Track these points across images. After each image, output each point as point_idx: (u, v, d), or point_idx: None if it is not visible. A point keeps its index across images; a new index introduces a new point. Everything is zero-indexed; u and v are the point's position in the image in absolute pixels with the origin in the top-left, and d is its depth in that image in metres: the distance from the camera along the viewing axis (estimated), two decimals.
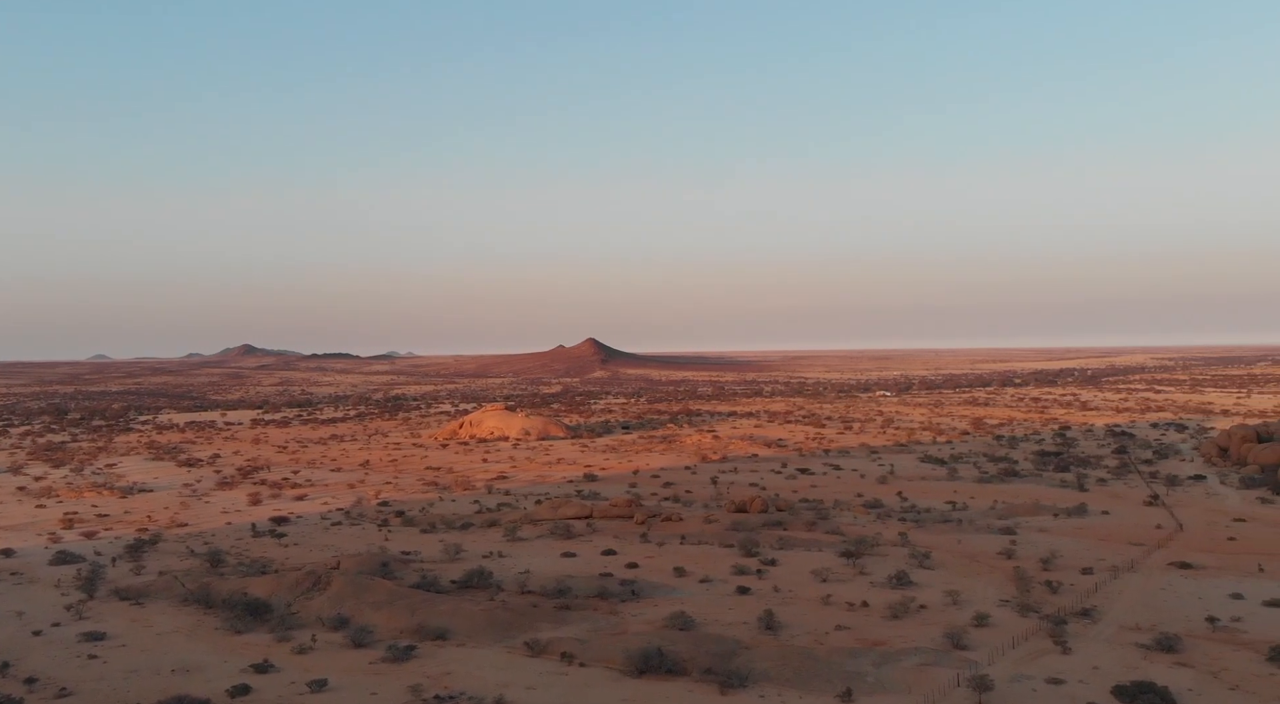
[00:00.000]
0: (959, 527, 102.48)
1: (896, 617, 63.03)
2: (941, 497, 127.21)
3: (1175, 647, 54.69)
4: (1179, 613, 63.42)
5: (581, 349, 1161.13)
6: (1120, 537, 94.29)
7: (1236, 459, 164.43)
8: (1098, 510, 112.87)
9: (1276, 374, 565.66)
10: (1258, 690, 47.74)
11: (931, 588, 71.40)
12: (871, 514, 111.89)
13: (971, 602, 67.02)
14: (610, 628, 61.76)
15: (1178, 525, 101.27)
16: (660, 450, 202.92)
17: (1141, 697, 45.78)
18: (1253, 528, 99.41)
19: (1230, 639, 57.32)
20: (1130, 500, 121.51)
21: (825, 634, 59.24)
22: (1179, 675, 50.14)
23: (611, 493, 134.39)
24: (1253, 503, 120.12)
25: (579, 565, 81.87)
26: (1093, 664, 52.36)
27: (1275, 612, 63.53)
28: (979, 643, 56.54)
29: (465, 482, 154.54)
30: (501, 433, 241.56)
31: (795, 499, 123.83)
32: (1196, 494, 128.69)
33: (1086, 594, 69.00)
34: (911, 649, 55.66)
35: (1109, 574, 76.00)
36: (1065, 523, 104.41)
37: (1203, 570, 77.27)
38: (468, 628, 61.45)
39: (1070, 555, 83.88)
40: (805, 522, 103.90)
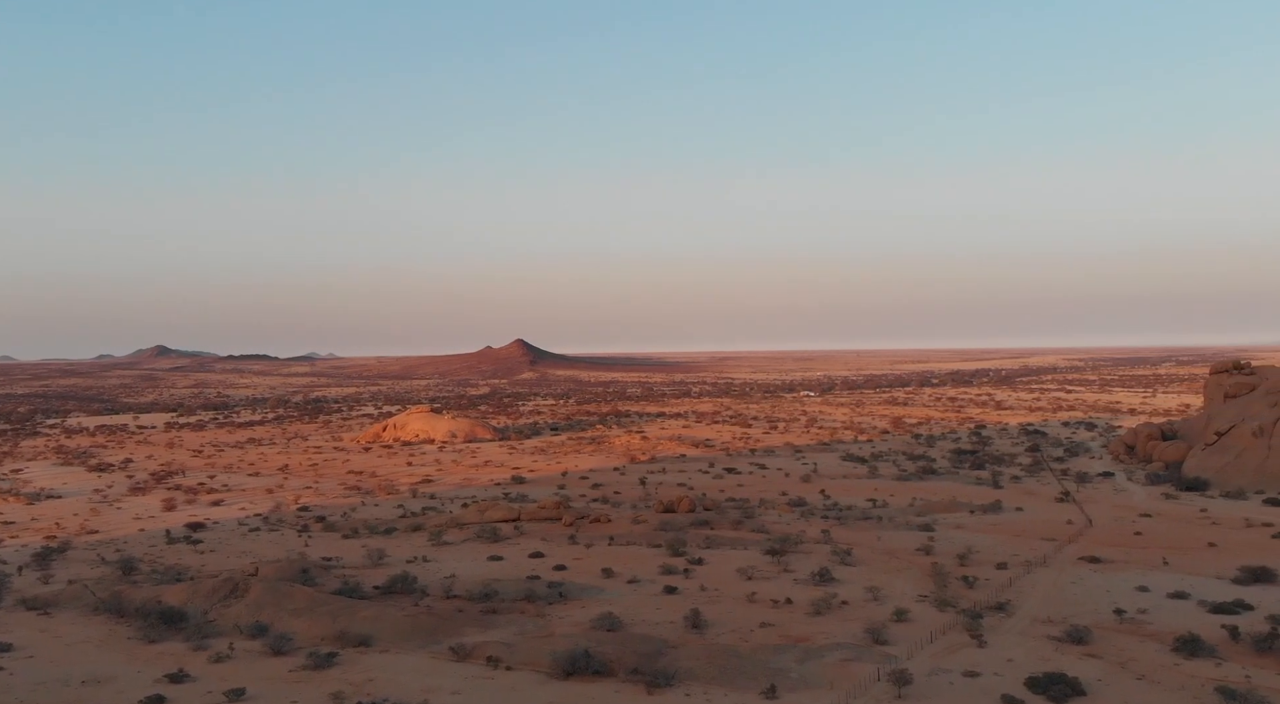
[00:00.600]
0: (879, 524, 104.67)
1: (819, 613, 64.12)
2: (863, 494, 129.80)
3: (1085, 638, 56.67)
4: (1088, 606, 65.75)
5: (509, 350, 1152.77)
6: (1033, 532, 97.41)
7: (1143, 456, 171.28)
8: (1012, 507, 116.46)
9: (1180, 374, 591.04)
10: (1162, 680, 49.77)
11: (853, 584, 72.81)
12: (796, 512, 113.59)
13: (891, 597, 68.54)
14: (537, 631, 61.54)
15: (1087, 521, 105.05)
16: (589, 452, 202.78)
17: (1053, 687, 47.37)
18: (1158, 523, 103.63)
19: (1137, 630, 59.62)
20: (1043, 497, 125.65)
21: (750, 631, 59.96)
22: (1088, 666, 51.98)
23: (540, 495, 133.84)
24: (1158, 499, 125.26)
25: (506, 568, 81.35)
26: (1007, 657, 54.00)
27: (1179, 603, 66.25)
28: (899, 638, 57.85)
29: (389, 486, 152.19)
30: (427, 436, 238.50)
31: (722, 498, 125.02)
32: (1105, 490, 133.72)
33: (1001, 589, 71.14)
34: (834, 645, 56.71)
35: (1023, 569, 78.46)
36: (981, 519, 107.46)
37: (1111, 564, 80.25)
38: (391, 634, 60.58)
39: (986, 551, 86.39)
40: (732, 521, 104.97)
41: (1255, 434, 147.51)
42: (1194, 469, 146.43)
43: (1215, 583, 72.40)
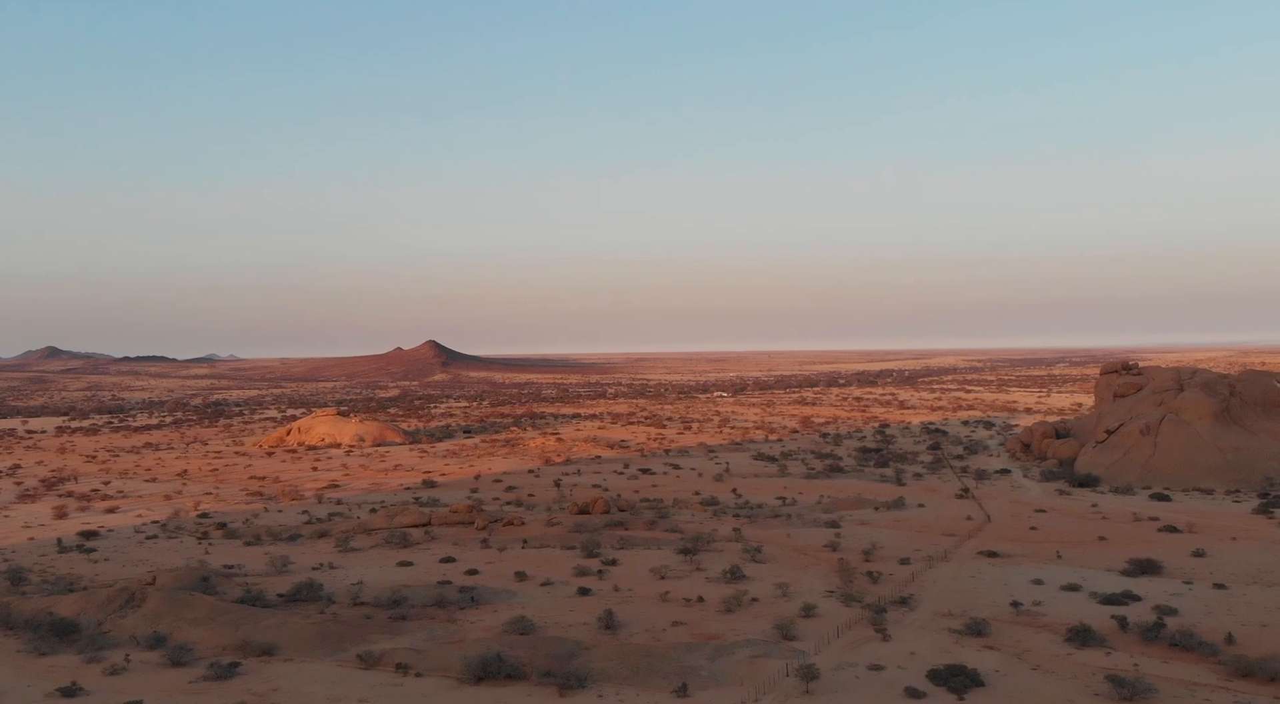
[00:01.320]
0: (789, 521, 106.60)
1: (730, 610, 65.00)
2: (773, 492, 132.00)
3: (984, 631, 58.70)
4: (987, 599, 68.14)
5: (421, 352, 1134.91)
6: (935, 528, 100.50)
7: (1038, 454, 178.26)
8: (914, 503, 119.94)
9: (1073, 375, 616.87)
10: (1056, 670, 51.90)
11: (763, 581, 74.01)
12: (708, 511, 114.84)
13: (800, 593, 69.90)
14: (448, 636, 60.86)
15: (986, 517, 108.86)
16: (503, 454, 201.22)
17: (953, 679, 48.98)
18: (1052, 518, 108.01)
19: (1032, 622, 62.00)
20: (943, 494, 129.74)
21: (663, 631, 60.43)
22: (987, 658, 53.87)
23: (452, 499, 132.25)
24: (1052, 494, 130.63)
25: (416, 574, 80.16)
26: (910, 650, 55.62)
27: (1072, 595, 69.14)
28: (807, 633, 59.04)
29: (293, 491, 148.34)
30: (333, 439, 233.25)
31: (637, 499, 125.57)
32: (1002, 487, 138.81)
33: (904, 583, 73.23)
34: (744, 642, 57.58)
35: (925, 564, 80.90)
36: (885, 516, 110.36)
37: (1008, 558, 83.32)
38: (296, 642, 59.13)
39: (890, 546, 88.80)
40: (646, 521, 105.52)
41: (1142, 432, 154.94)
42: (1086, 466, 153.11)
43: (1105, 575, 75.80)
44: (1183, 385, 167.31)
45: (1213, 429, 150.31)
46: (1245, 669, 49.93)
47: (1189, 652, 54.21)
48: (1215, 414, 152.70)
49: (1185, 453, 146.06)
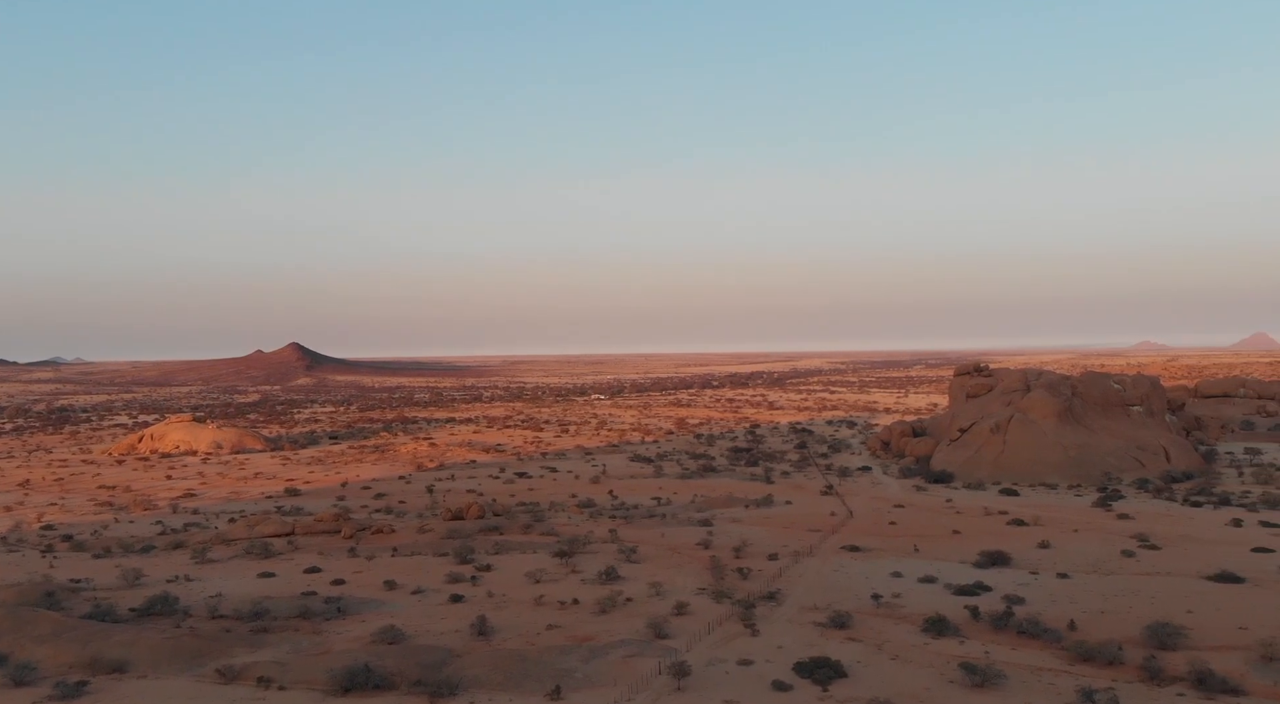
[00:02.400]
0: (663, 521, 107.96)
1: (605, 611, 65.36)
2: (648, 493, 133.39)
3: (846, 623, 60.85)
4: (850, 592, 70.68)
5: (283, 354, 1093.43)
6: (801, 524, 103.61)
7: (897, 452, 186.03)
8: (782, 501, 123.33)
9: (930, 376, 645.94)
10: (913, 659, 54.28)
11: (638, 581, 74.72)
12: (585, 513, 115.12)
13: (673, 592, 70.90)
14: (313, 648, 58.98)
15: (849, 513, 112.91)
16: (372, 461, 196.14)
17: (818, 671, 50.66)
18: (910, 512, 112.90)
19: (891, 614, 64.63)
20: (809, 491, 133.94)
21: (537, 634, 60.24)
22: (850, 649, 55.90)
23: (317, 507, 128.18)
24: (910, 490, 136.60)
25: (279, 585, 77.34)
26: (778, 644, 57.20)
27: (928, 587, 72.39)
28: (679, 631, 59.96)
29: (146, 501, 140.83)
30: (189, 446, 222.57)
31: (513, 503, 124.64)
32: (864, 484, 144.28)
33: (772, 578, 75.25)
34: (618, 642, 58.00)
35: (791, 559, 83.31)
36: (755, 513, 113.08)
37: (869, 552, 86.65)
38: (150, 658, 56.18)
39: (759, 543, 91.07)
40: (521, 525, 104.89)
41: (993, 431, 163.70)
42: (940, 463, 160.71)
43: (959, 567, 79.70)
44: (1029, 386, 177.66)
45: (1057, 427, 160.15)
46: (1086, 654, 53.32)
47: (1035, 639, 57.53)
48: (1059, 413, 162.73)
49: (1032, 450, 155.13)
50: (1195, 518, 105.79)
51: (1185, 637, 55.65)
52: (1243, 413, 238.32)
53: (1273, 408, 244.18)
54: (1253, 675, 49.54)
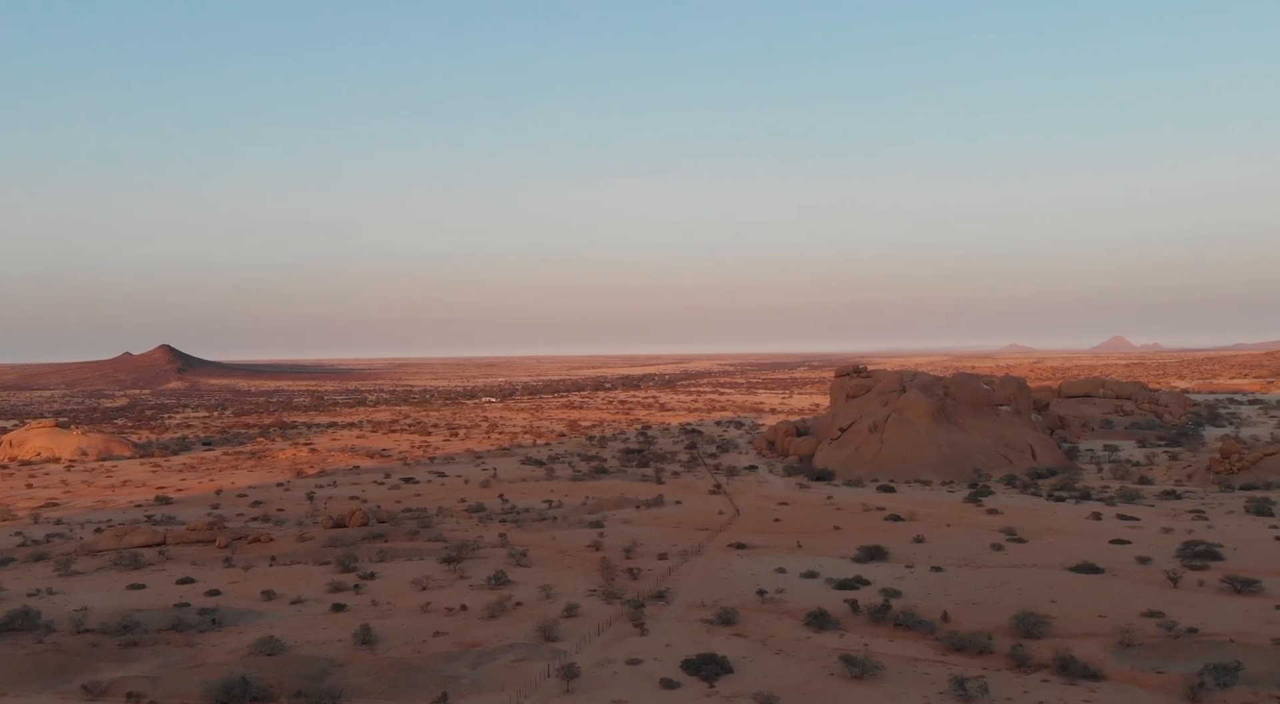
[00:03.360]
0: (554, 524, 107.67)
1: (494, 616, 64.81)
2: (540, 496, 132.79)
3: (733, 619, 62.02)
4: (736, 589, 72.01)
5: (153, 357, 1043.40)
6: (690, 523, 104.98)
7: (781, 451, 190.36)
8: (673, 500, 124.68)
9: (812, 378, 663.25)
10: (796, 653, 55.72)
11: (528, 585, 74.36)
12: (474, 518, 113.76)
13: (563, 594, 70.86)
14: (187, 661, 56.58)
15: (736, 511, 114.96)
16: (249, 467, 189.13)
17: (705, 667, 51.48)
18: (793, 510, 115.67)
19: (776, 609, 66.14)
20: (698, 490, 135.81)
21: (423, 642, 59.29)
22: (735, 645, 56.98)
23: (190, 516, 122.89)
24: (793, 488, 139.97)
25: (149, 597, 73.85)
26: (666, 642, 57.84)
27: (810, 582, 74.34)
28: (569, 633, 59.99)
29: (4, 511, 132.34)
30: (51, 453, 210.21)
31: (398, 509, 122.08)
32: (750, 482, 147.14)
33: (662, 578, 76.04)
34: (507, 646, 57.64)
35: (680, 558, 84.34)
36: (646, 513, 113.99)
37: (755, 550, 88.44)
38: (9, 675, 52.91)
39: (649, 543, 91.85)
40: (407, 531, 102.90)
41: (871, 430, 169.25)
42: (822, 461, 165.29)
43: (840, 562, 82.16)
44: (905, 387, 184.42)
45: (931, 426, 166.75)
46: (958, 644, 55.71)
47: (911, 630, 59.80)
48: (933, 413, 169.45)
49: (908, 448, 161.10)
50: (1059, 512, 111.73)
51: (1050, 625, 58.77)
52: (1102, 412, 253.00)
53: (1129, 407, 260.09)
54: (1111, 661, 52.69)
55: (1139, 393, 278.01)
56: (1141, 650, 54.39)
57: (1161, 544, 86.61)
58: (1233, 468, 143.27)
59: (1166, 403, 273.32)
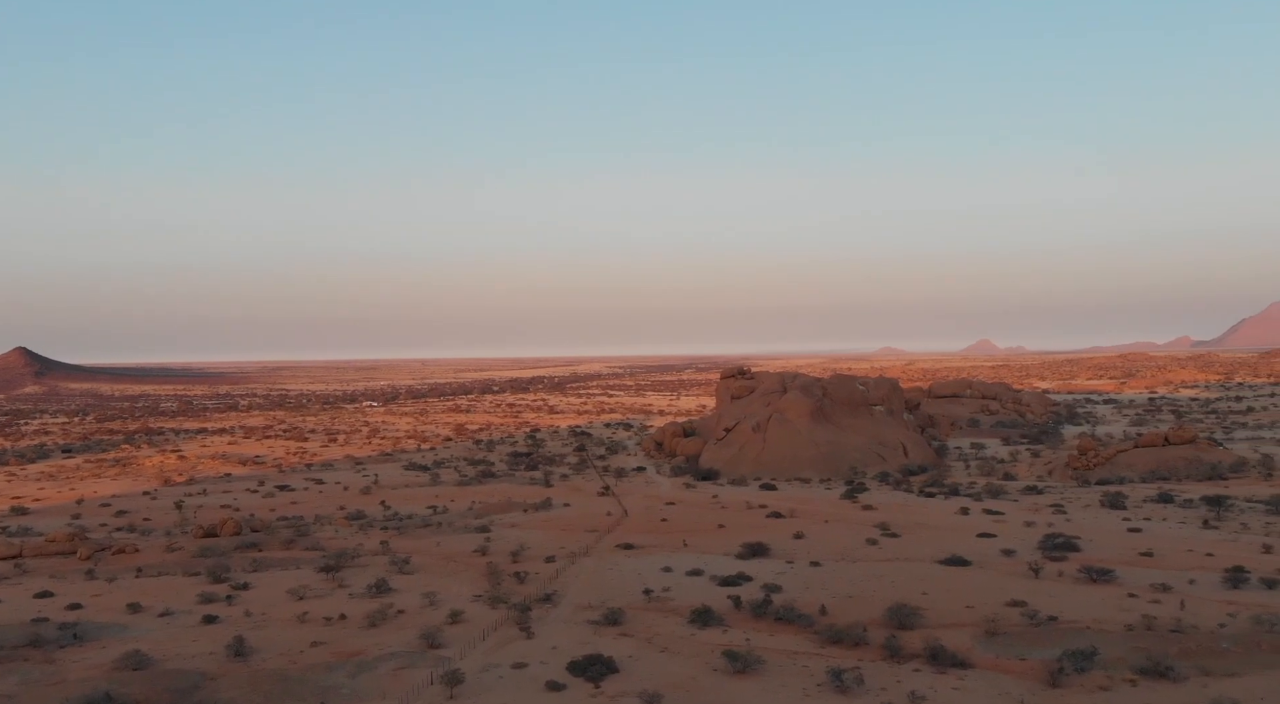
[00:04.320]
0: (439, 529, 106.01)
1: (374, 625, 63.43)
2: (424, 502, 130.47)
3: (619, 620, 62.36)
4: (623, 589, 72.43)
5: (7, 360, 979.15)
6: (579, 526, 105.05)
7: (669, 451, 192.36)
8: (561, 503, 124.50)
9: (700, 379, 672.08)
10: (681, 650, 56.44)
11: (410, 592, 73.03)
12: (354, 526, 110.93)
13: (448, 601, 69.89)
14: (46, 678, 53.39)
15: (624, 512, 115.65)
16: (112, 475, 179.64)
17: (591, 668, 51.63)
18: (680, 509, 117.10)
19: (661, 607, 66.83)
20: (587, 492, 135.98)
21: (301, 652, 57.55)
22: (622, 645, 57.34)
23: (48, 527, 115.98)
24: (680, 488, 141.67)
25: (4, 613, 69.35)
26: (552, 644, 57.74)
27: (695, 580, 75.42)
28: (453, 639, 59.22)
29: None
30: None
31: (273, 518, 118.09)
32: (639, 483, 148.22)
33: (549, 581, 75.85)
34: (388, 655, 56.49)
35: (568, 560, 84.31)
36: (533, 517, 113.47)
37: (642, 549, 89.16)
38: None
39: (537, 547, 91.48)
40: (283, 540, 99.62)
41: (754, 430, 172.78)
42: (708, 461, 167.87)
43: (724, 559, 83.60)
44: (786, 388, 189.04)
45: (810, 426, 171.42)
46: (835, 636, 57.45)
47: (791, 624, 61.37)
48: (812, 413, 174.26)
49: (788, 447, 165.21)
50: (929, 507, 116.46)
51: (921, 616, 61.23)
52: (970, 411, 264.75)
53: (995, 407, 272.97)
54: (978, 649, 55.25)
55: (1004, 393, 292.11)
56: (1006, 639, 57.21)
57: (1024, 537, 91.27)
58: (1089, 464, 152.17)
59: (1029, 403, 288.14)
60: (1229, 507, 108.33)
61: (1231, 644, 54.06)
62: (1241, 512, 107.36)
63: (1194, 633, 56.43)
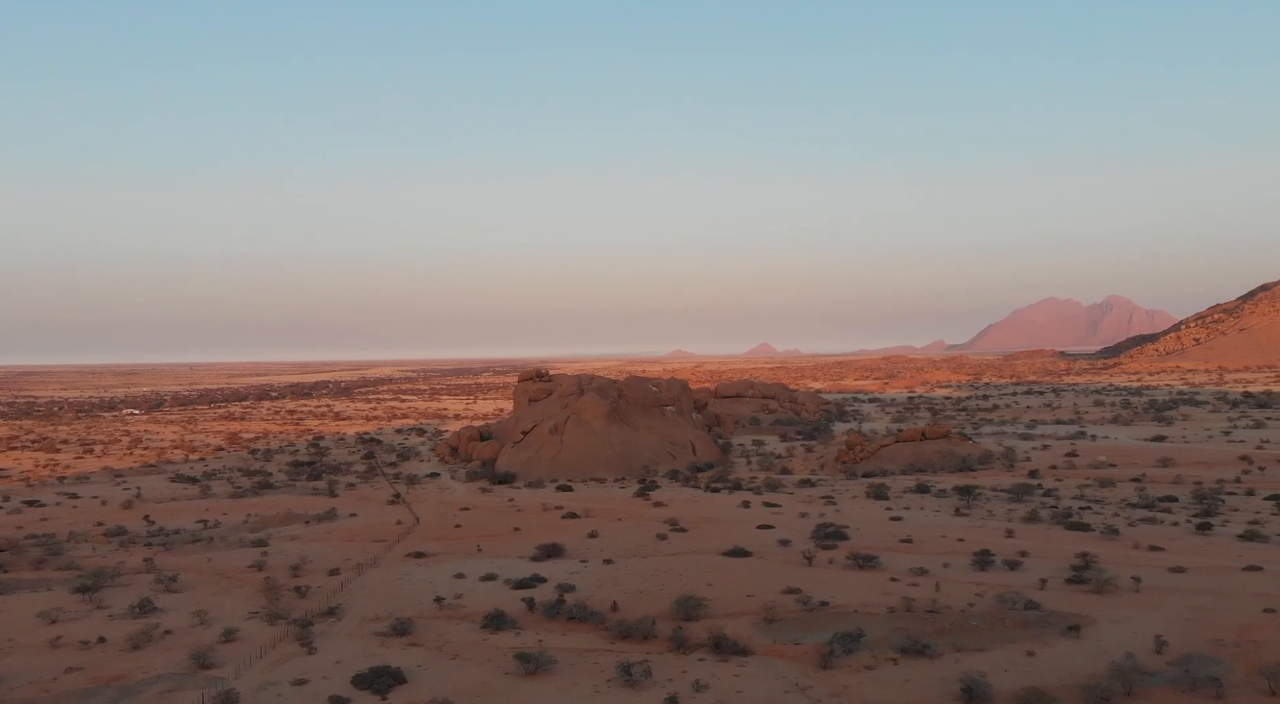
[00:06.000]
0: (211, 545, 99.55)
1: (138, 647, 58.85)
2: (194, 516, 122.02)
3: (408, 629, 60.91)
4: (413, 598, 70.83)
5: None
6: (366, 536, 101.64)
7: (464, 456, 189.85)
8: (347, 513, 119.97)
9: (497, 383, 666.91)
10: (472, 656, 55.93)
11: (179, 611, 68.28)
12: (114, 543, 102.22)
13: (221, 619, 65.87)
14: None
15: (415, 519, 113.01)
16: None
17: (377, 680, 50.20)
18: (475, 514, 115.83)
19: (453, 614, 65.88)
20: (376, 501, 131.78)
21: (54, 679, 52.54)
22: (411, 655, 56.08)
23: None
24: (476, 493, 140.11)
25: None
26: (336, 659, 55.68)
27: (489, 585, 74.81)
28: (227, 659, 55.91)
29: None
30: None
31: (20, 536, 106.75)
32: (432, 490, 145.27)
33: (332, 594, 73.03)
34: (154, 678, 52.56)
35: (354, 572, 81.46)
36: (316, 529, 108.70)
37: (434, 557, 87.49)
38: None
39: (319, 559, 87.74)
40: (32, 560, 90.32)
41: (551, 432, 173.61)
42: (505, 464, 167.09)
43: (519, 562, 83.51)
44: (583, 390, 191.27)
45: (606, 427, 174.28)
46: (626, 631, 58.81)
47: (583, 622, 62.23)
48: (607, 414, 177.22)
49: (585, 448, 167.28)
50: (714, 502, 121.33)
51: (706, 607, 63.77)
52: (751, 410, 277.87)
53: (774, 406, 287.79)
54: (757, 636, 58.18)
55: (781, 393, 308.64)
56: (783, 625, 60.62)
57: (799, 527, 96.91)
58: (856, 458, 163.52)
59: (804, 402, 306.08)
60: (977, 496, 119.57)
61: (979, 621, 59.78)
62: (988, 500, 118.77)
63: (947, 613, 61.93)
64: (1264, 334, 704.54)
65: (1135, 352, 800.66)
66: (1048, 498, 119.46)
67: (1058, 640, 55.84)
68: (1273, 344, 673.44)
